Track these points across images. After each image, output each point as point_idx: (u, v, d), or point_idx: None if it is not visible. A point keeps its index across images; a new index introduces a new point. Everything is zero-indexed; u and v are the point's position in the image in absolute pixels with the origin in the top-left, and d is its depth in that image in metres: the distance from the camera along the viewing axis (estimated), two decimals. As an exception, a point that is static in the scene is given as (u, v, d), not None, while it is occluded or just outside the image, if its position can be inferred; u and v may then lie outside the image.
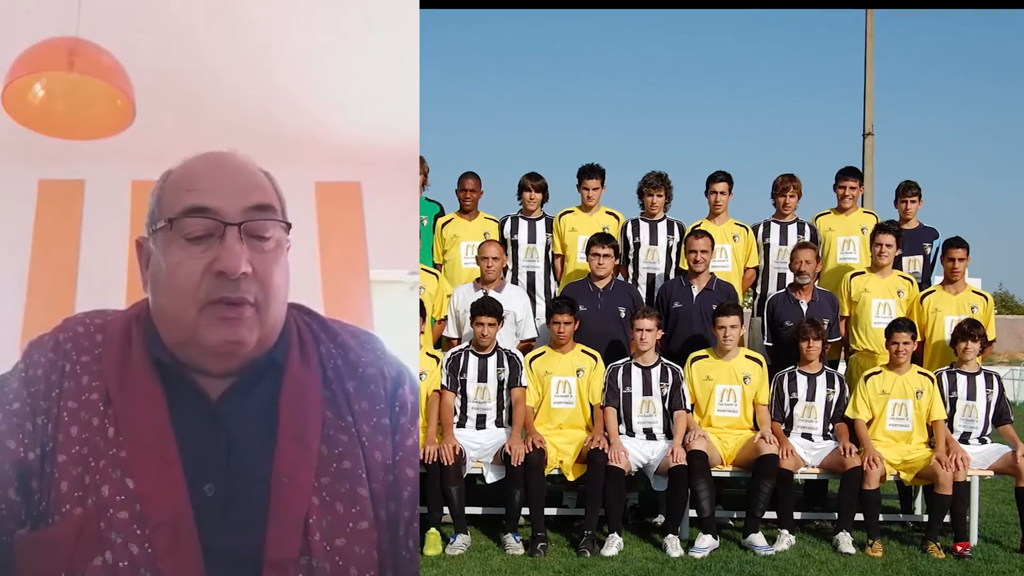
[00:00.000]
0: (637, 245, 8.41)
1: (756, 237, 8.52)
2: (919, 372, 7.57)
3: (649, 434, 7.39)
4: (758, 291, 8.61)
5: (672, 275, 8.37)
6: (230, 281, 2.93)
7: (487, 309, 7.34)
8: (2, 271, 9.28)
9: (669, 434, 7.36)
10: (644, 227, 8.44)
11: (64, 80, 6.10)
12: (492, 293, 7.80)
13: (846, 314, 8.14)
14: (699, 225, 8.39)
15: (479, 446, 7.29)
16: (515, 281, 8.35)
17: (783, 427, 7.51)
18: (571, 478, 7.32)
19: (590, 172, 8.50)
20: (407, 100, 7.61)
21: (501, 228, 8.46)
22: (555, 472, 7.32)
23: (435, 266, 8.37)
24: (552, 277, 8.55)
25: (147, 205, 3.14)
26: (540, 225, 8.50)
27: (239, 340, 2.95)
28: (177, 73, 8.03)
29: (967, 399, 7.57)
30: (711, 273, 8.04)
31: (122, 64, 6.07)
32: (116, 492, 2.86)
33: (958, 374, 7.61)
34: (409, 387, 3.25)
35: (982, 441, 7.60)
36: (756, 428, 7.50)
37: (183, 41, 7.74)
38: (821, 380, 7.54)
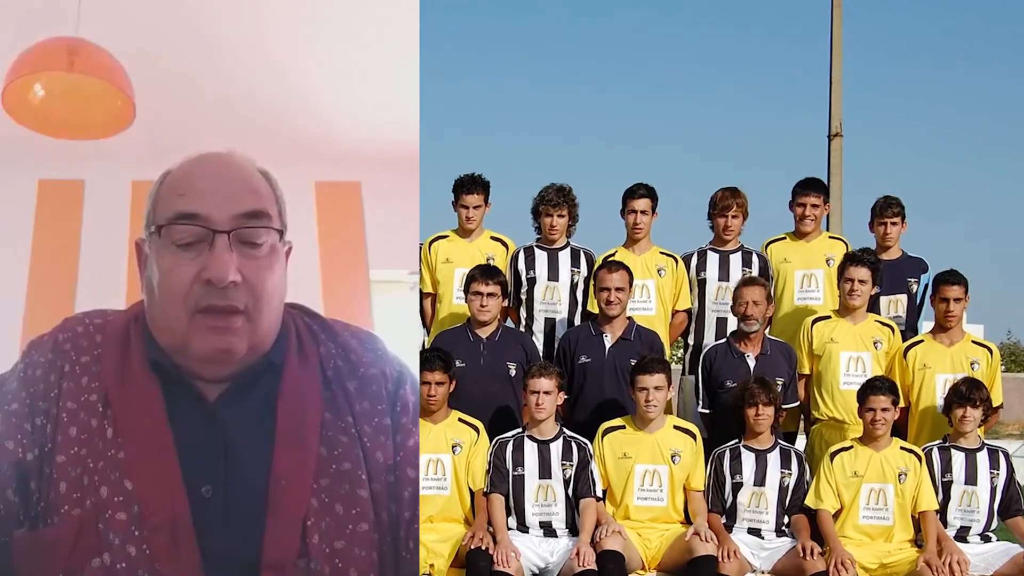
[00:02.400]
0: (532, 281, 6.37)
1: (688, 270, 6.50)
2: (902, 448, 5.73)
3: (548, 529, 5.52)
4: (691, 341, 6.56)
5: (578, 320, 6.39)
6: (219, 290, 2.93)
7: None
8: (2, 271, 9.29)
9: (574, 529, 5.52)
10: (541, 257, 6.41)
11: (64, 80, 6.09)
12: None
13: (806, 372, 6.20)
14: (613, 255, 6.41)
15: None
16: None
17: (723, 520, 5.66)
18: None
19: (469, 185, 6.50)
20: (407, 100, 7.60)
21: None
22: (424, 579, 5.38)
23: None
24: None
25: (145, 206, 3.14)
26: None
27: (228, 349, 2.95)
28: (177, 73, 8.03)
29: (966, 483, 5.73)
30: (629, 318, 6.08)
31: (122, 64, 6.06)
32: (114, 493, 2.87)
33: (954, 451, 5.77)
34: (410, 387, 3.25)
35: (985, 538, 5.72)
36: (688, 521, 5.64)
37: (183, 41, 7.74)
38: (773, 459, 5.67)
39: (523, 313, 6.46)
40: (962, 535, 5.69)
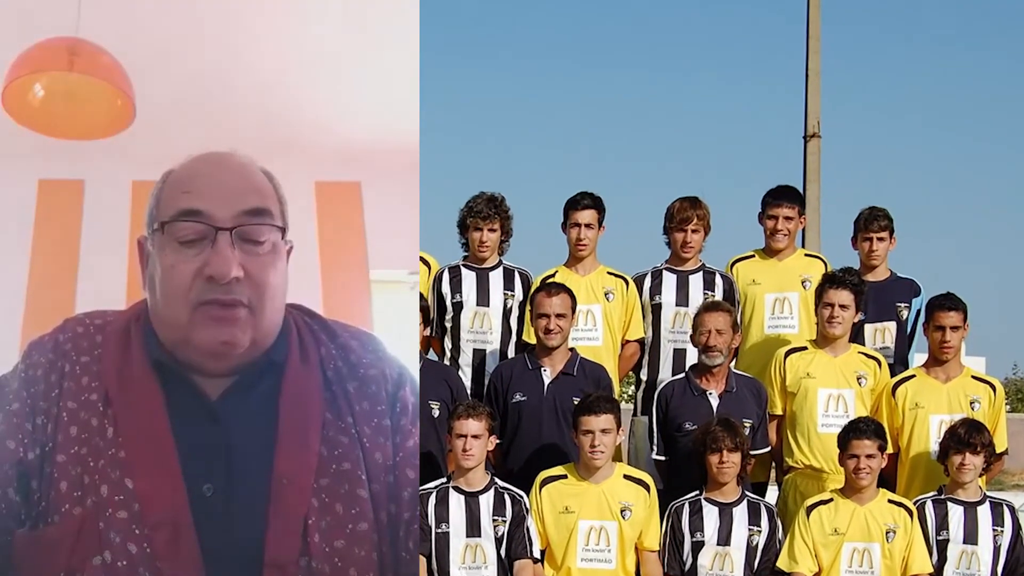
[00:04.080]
0: (457, 306, 5.60)
1: (641, 294, 5.62)
2: (891, 502, 4.99)
3: (478, 595, 4.80)
4: (644, 376, 5.68)
5: (512, 352, 5.55)
6: (221, 285, 2.96)
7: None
8: (2, 271, 9.31)
9: None
10: (468, 278, 5.63)
11: (64, 80, 6.11)
12: None
13: (779, 412, 5.36)
14: (553, 275, 5.54)
15: None
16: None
17: (682, 585, 4.87)
18: None
19: None
20: (407, 99, 7.61)
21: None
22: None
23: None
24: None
25: (147, 205, 3.16)
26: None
27: (231, 340, 2.97)
28: (177, 73, 8.06)
29: (964, 542, 4.99)
30: (571, 349, 5.26)
31: (122, 64, 6.08)
32: (115, 492, 2.89)
33: (951, 504, 5.00)
34: (410, 388, 3.28)
35: (988, 608, 4.93)
36: (640, 586, 4.90)
37: (183, 41, 7.77)
38: (740, 514, 4.92)
39: (448, 343, 5.66)
40: (961, 604, 4.92)
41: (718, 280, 5.69)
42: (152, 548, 2.86)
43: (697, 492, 4.99)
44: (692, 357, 5.44)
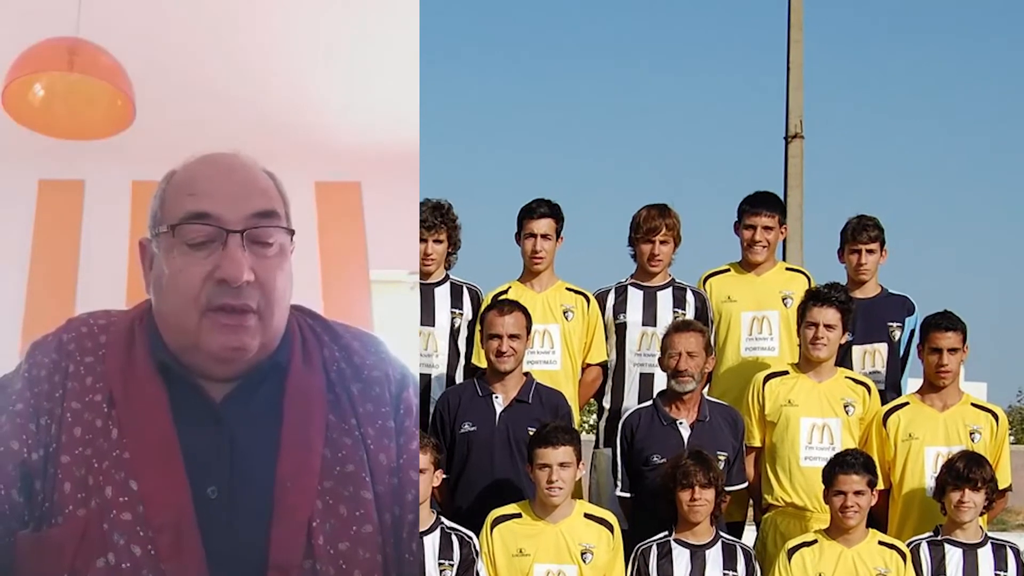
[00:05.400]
0: None
1: (604, 312, 5.15)
2: (881, 543, 4.54)
3: (425, 646, 4.30)
4: (607, 404, 5.20)
5: (460, 376, 5.16)
6: (232, 289, 2.96)
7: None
8: (2, 271, 9.31)
9: None
10: None
11: (64, 80, 6.13)
12: None
13: (757, 444, 4.90)
14: (506, 292, 5.11)
15: None
16: None
17: (651, 636, 4.41)
18: None
19: None
20: (407, 100, 7.61)
21: None
22: None
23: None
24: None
25: (149, 206, 3.16)
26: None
27: (242, 347, 2.98)
28: (177, 73, 8.06)
29: None
30: (526, 374, 4.80)
31: (122, 64, 6.09)
32: (119, 494, 2.90)
33: (948, 546, 4.55)
34: (412, 390, 3.29)
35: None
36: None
37: (183, 41, 7.77)
38: (714, 557, 4.47)
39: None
40: (961, 655, 4.45)
41: (689, 297, 5.21)
42: (156, 550, 2.87)
43: (666, 533, 4.52)
44: (660, 383, 4.94)
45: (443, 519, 4.45)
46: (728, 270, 5.36)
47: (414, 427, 3.24)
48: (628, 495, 4.78)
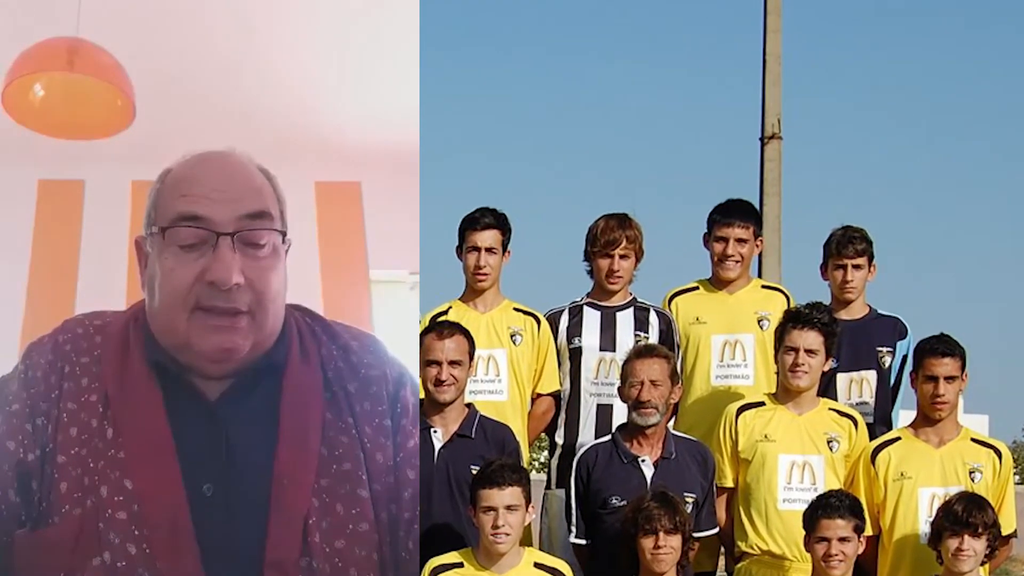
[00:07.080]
0: None
1: (556, 335, 4.66)
2: None
3: None
4: (560, 440, 4.67)
5: None
6: (222, 291, 2.96)
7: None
8: (2, 271, 9.33)
9: None
10: None
11: (64, 80, 6.14)
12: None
13: (729, 484, 4.37)
14: (445, 312, 4.70)
15: None
16: None
17: None
18: None
19: None
20: (407, 100, 7.62)
21: None
22: None
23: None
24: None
25: (145, 205, 3.16)
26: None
27: (233, 347, 2.99)
28: (177, 73, 8.08)
29: None
30: (468, 405, 4.30)
31: (122, 64, 6.11)
32: (115, 493, 2.91)
33: None
34: (410, 389, 3.30)
35: None
36: None
37: (183, 41, 7.79)
38: None
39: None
40: None
41: (653, 318, 4.68)
42: (152, 548, 2.88)
43: None
44: (620, 415, 4.39)
45: None
46: (697, 288, 4.83)
47: (411, 426, 3.24)
48: (583, 542, 4.22)
